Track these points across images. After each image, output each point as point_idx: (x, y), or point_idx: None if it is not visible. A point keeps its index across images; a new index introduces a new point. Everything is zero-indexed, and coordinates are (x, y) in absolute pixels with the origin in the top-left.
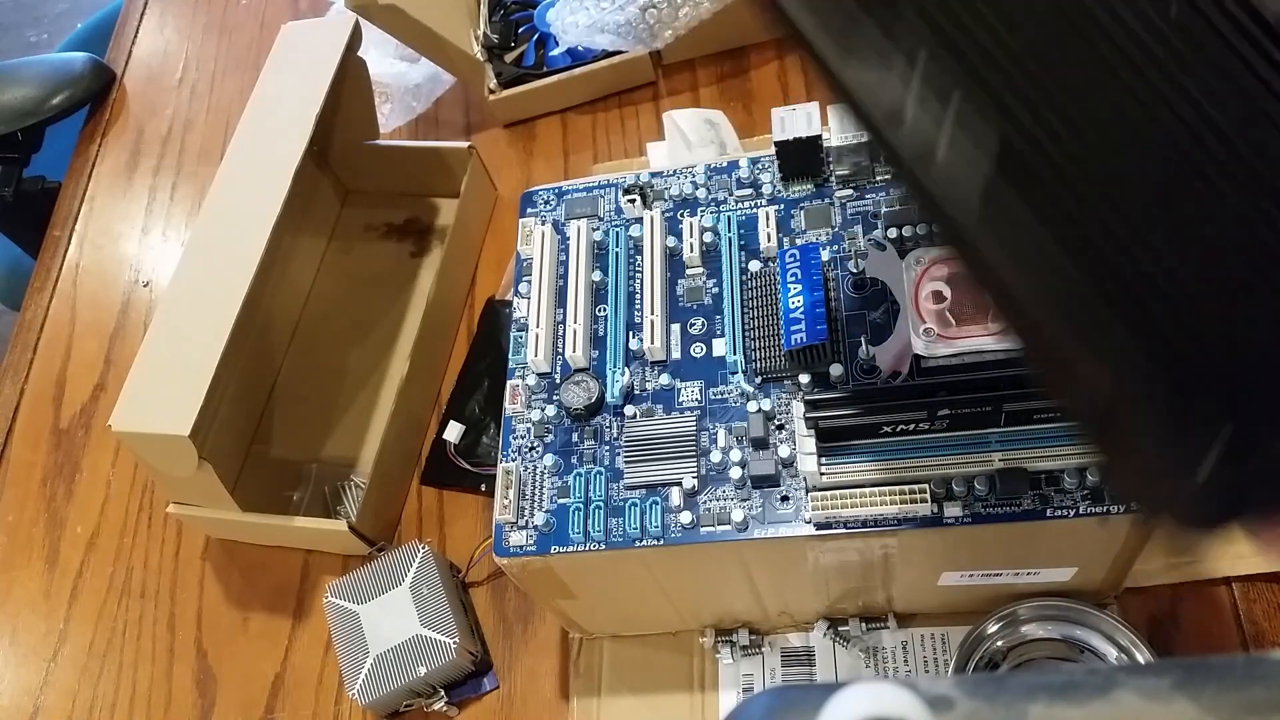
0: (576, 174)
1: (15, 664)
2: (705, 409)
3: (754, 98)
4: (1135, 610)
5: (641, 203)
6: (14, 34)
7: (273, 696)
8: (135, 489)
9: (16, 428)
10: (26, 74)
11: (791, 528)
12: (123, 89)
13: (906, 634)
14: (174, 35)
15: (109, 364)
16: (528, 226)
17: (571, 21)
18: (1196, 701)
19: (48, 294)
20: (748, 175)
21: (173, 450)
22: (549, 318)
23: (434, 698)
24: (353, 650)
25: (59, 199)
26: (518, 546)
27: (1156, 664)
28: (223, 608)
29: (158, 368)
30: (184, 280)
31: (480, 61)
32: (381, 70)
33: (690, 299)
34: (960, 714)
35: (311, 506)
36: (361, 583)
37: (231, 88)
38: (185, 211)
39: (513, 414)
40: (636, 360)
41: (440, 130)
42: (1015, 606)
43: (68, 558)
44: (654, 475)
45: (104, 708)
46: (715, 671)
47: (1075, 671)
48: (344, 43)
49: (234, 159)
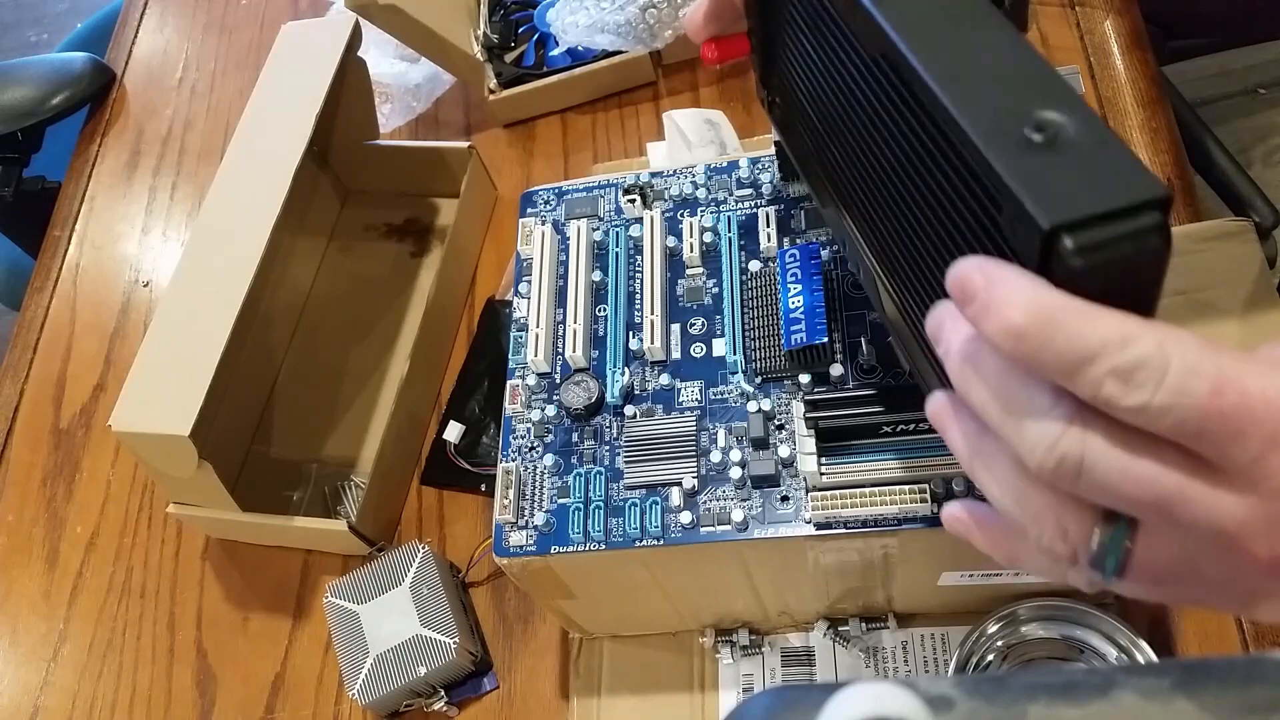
0: (576, 174)
1: (15, 664)
2: (705, 409)
3: (754, 98)
4: (1135, 610)
5: (641, 203)
6: (14, 34)
7: (273, 696)
8: (135, 489)
9: (16, 428)
10: (26, 74)
11: (791, 528)
12: (123, 89)
13: (906, 634)
14: (174, 35)
15: (109, 364)
16: (528, 226)
17: (571, 21)
18: (1196, 701)
19: (48, 294)
20: (748, 175)
21: (173, 450)
22: (549, 318)
23: (434, 698)
24: (353, 650)
25: (59, 199)
26: (518, 546)
27: (1156, 664)
28: (223, 608)
29: (158, 368)
30: (184, 280)
31: (480, 61)
32: (381, 70)
33: (690, 299)
34: (960, 714)
35: (311, 506)
36: (361, 583)
37: (231, 88)
38: (185, 211)
39: (513, 414)
40: (636, 360)
41: (440, 130)
42: (1015, 606)
43: (68, 558)
44: (654, 475)
45: (104, 708)
46: (715, 671)
47: (1075, 671)
48: (344, 43)
49: (234, 159)
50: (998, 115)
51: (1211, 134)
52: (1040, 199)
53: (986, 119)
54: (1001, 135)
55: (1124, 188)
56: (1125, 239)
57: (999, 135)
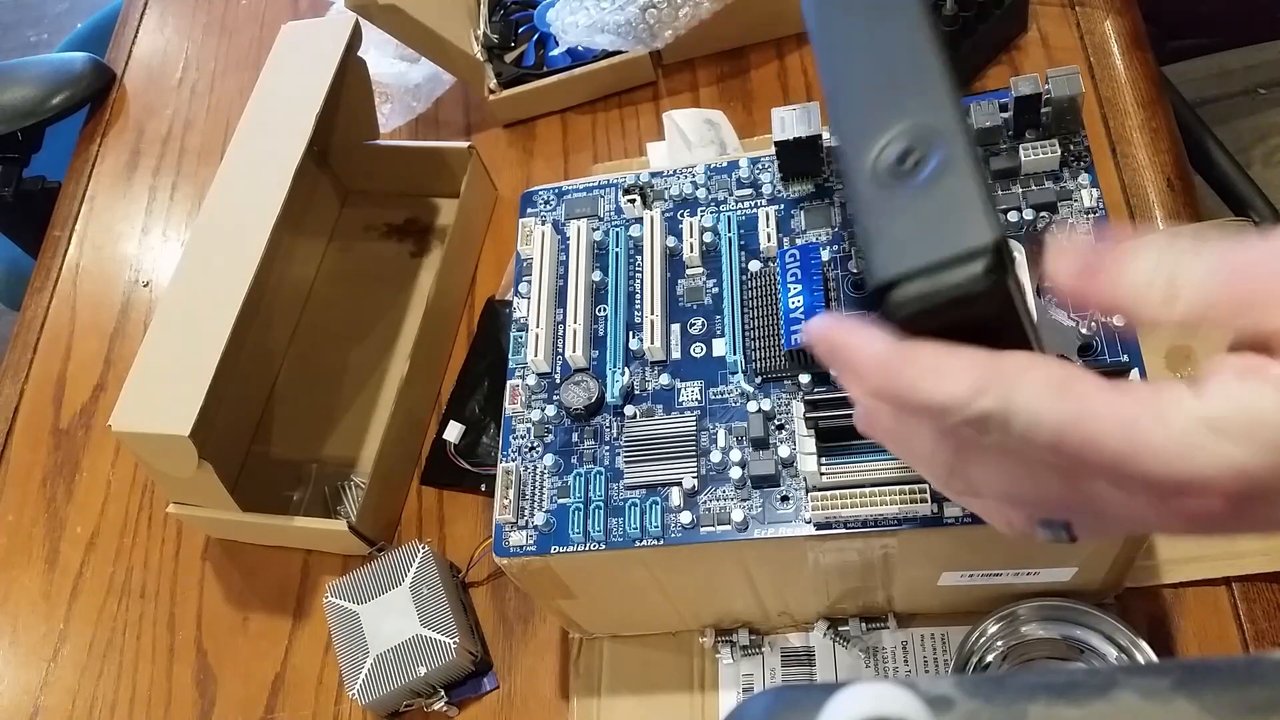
0: (576, 174)
1: (15, 664)
2: (705, 409)
3: (754, 98)
4: (1135, 610)
5: (641, 203)
6: (14, 34)
7: (273, 696)
8: (135, 489)
9: (16, 428)
10: (26, 74)
11: (791, 528)
12: (123, 89)
13: (906, 634)
14: (174, 35)
15: (109, 364)
16: (528, 226)
17: (571, 21)
18: (1196, 701)
19: (48, 294)
20: (748, 175)
21: (173, 450)
22: (549, 318)
23: (434, 698)
24: (353, 650)
25: (59, 199)
26: (518, 546)
27: (1156, 664)
28: (223, 608)
29: (158, 368)
30: (184, 280)
31: (480, 61)
32: (381, 70)
33: (690, 299)
34: (960, 714)
35: (311, 506)
36: (361, 583)
37: (231, 88)
38: (185, 211)
39: (513, 414)
40: (636, 360)
41: (440, 130)
42: (1015, 606)
43: (68, 558)
44: (654, 475)
45: (104, 708)
46: (715, 671)
47: (1075, 671)
48: (344, 43)
49: (234, 159)
50: (870, 125)
51: (1211, 134)
52: (882, 250)
53: (859, 128)
54: (870, 159)
55: (954, 235)
56: (949, 289)
57: (866, 158)
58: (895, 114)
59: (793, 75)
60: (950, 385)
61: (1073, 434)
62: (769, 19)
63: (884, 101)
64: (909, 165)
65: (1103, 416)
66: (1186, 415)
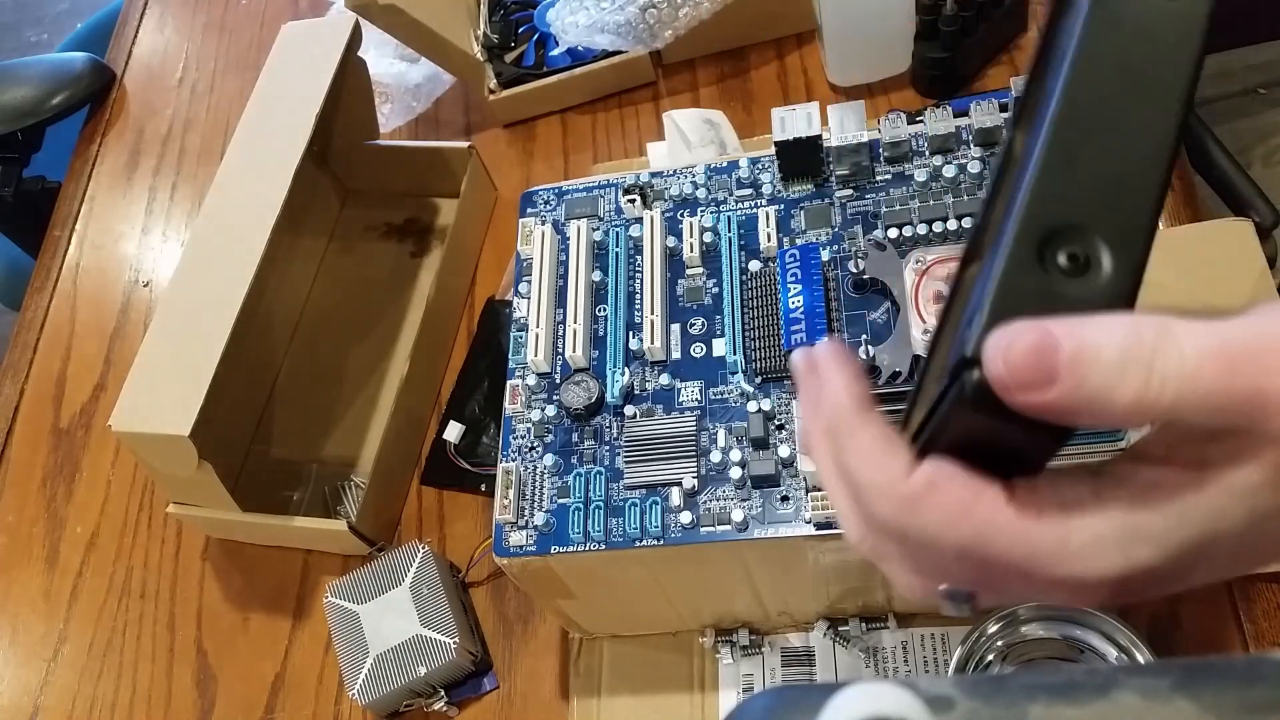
0: (576, 174)
1: (15, 664)
2: (705, 409)
3: (754, 98)
4: (1135, 610)
5: (641, 203)
6: (14, 34)
7: (273, 696)
8: (135, 489)
9: (16, 428)
10: (26, 74)
11: (791, 528)
12: (123, 89)
13: (906, 634)
14: (174, 35)
15: (109, 364)
16: (528, 226)
17: (571, 21)
18: (1197, 701)
19: (48, 294)
20: (748, 175)
21: (173, 450)
22: (549, 318)
23: (434, 698)
24: (353, 650)
25: (59, 199)
26: (518, 546)
27: (1156, 664)
28: (223, 608)
29: (158, 368)
30: (184, 280)
31: (480, 61)
32: (381, 70)
33: (690, 299)
34: (960, 714)
35: (311, 506)
36: (361, 583)
37: (231, 88)
38: (185, 211)
39: (513, 414)
40: (636, 360)
41: (440, 130)
42: (1015, 606)
43: (68, 558)
44: (654, 475)
45: (104, 708)
46: (715, 671)
47: (1075, 671)
48: (344, 43)
49: (234, 159)
50: (1066, 196)
51: (1211, 134)
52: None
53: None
54: (1039, 226)
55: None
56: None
57: (1036, 222)
58: (1099, 210)
59: (793, 75)
60: (866, 496)
61: (974, 552)
62: (769, 19)
63: (1096, 186)
64: (1070, 264)
65: (1003, 537)
66: (1086, 532)
